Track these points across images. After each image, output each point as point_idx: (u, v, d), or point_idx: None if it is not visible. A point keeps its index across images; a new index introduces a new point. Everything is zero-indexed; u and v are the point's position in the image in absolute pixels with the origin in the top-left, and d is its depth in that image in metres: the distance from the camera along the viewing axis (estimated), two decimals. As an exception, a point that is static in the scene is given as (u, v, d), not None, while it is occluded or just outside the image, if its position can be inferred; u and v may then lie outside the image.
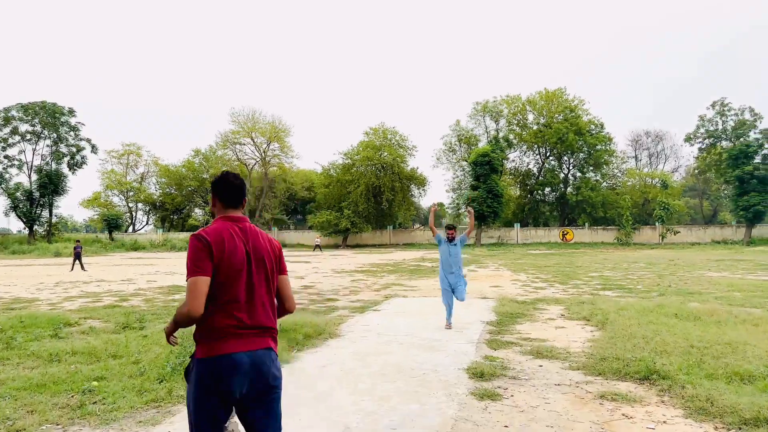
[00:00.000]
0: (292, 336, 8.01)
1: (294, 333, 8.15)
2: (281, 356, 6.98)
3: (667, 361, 6.26)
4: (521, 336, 8.64)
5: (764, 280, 17.78)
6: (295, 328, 8.38)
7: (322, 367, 6.59)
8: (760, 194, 47.42)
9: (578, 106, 56.61)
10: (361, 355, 7.25)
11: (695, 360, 6.27)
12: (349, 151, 56.95)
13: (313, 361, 6.96)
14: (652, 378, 5.85)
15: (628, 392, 5.51)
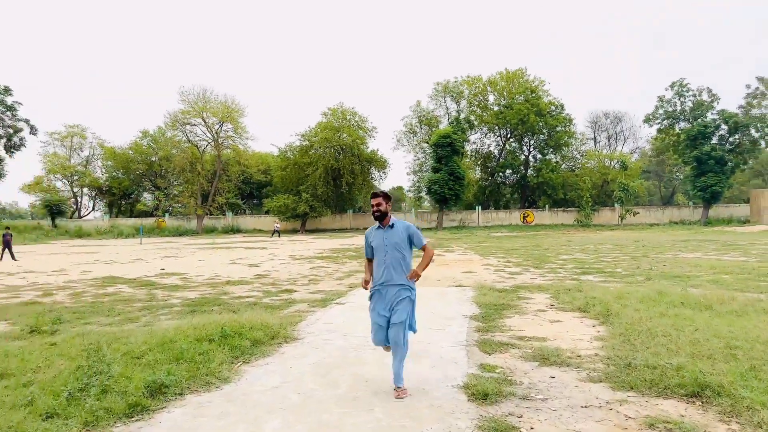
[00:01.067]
0: (236, 343, 6.42)
1: (239, 338, 6.57)
2: (219, 372, 5.42)
3: (713, 369, 4.96)
4: (515, 334, 7.28)
5: (743, 260, 17.04)
6: (241, 332, 6.80)
7: (273, 390, 5.05)
8: (717, 175, 47.71)
9: (538, 87, 55.88)
10: (325, 367, 5.74)
11: (746, 367, 4.99)
12: (306, 132, 54.83)
13: (261, 379, 5.41)
14: (704, 394, 4.54)
15: (681, 418, 4.18)
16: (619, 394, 4.76)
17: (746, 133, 48.15)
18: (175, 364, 5.59)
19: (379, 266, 5.09)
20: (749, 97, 47.89)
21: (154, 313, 9.59)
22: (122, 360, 5.74)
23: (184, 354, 5.82)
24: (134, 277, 15.68)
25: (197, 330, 6.77)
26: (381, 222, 5.16)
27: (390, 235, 5.09)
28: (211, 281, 14.33)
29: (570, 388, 4.98)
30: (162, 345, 6.25)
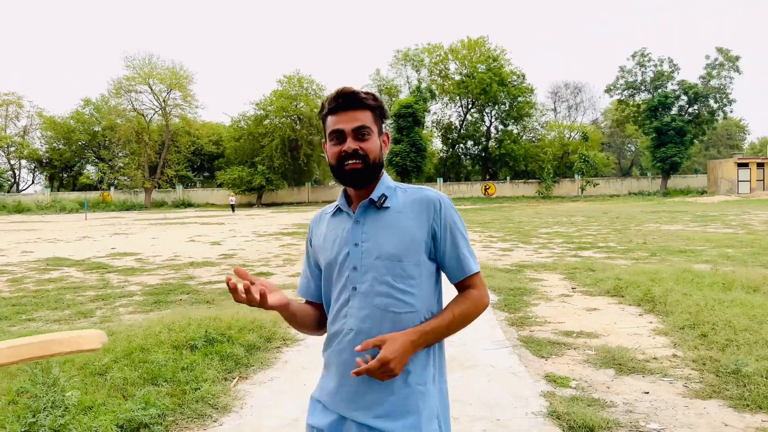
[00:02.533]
0: (227, 351, 5.02)
1: (229, 345, 5.17)
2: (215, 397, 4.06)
3: None
4: (556, 328, 6.14)
5: (730, 232, 16.54)
6: (230, 335, 5.40)
7: (292, 424, 3.72)
8: (676, 146, 48.02)
9: (500, 56, 54.85)
10: (351, 384, 4.43)
11: None
12: (261, 101, 52.24)
13: (271, 406, 4.07)
14: None
15: None
16: (751, 418, 3.65)
17: (705, 104, 48.53)
18: (152, 387, 4.19)
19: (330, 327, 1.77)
20: (708, 68, 48.10)
21: (110, 304, 8.05)
22: (80, 379, 4.30)
23: (162, 371, 4.42)
24: (82, 258, 13.89)
25: (172, 333, 5.34)
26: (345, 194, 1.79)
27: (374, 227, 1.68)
28: (171, 263, 12.73)
29: (680, 410, 3.84)
30: (130, 355, 4.82)
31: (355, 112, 1.65)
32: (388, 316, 1.62)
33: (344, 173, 1.65)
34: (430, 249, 1.68)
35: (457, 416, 3.76)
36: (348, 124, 1.63)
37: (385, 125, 1.78)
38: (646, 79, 50.21)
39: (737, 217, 23.30)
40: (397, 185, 1.76)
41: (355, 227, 1.69)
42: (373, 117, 1.68)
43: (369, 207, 1.69)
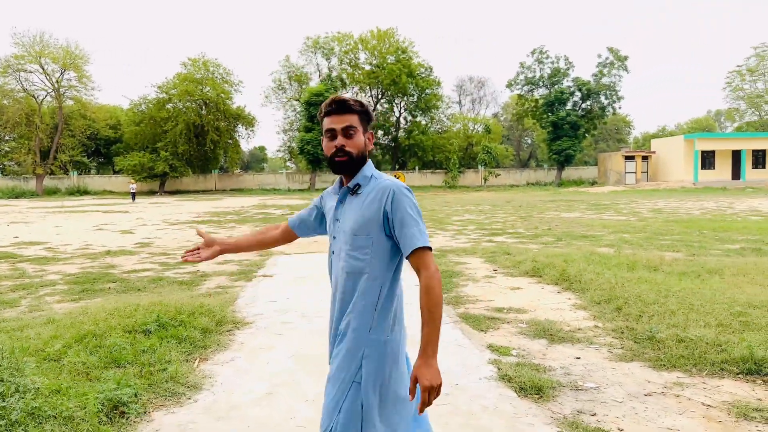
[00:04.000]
0: (182, 334, 5.08)
1: (183, 328, 5.22)
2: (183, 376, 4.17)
3: (747, 339, 4.62)
4: (487, 305, 6.65)
5: (623, 219, 18.07)
6: (181, 319, 5.43)
7: (267, 398, 3.92)
8: (570, 139, 51.15)
9: (409, 48, 55.80)
10: (312, 361, 4.65)
11: (777, 336, 4.72)
12: (164, 84, 50.00)
13: (240, 383, 4.23)
14: (762, 371, 4.16)
15: (760, 402, 3.73)
16: (668, 376, 4.26)
17: (597, 100, 51.97)
18: (117, 369, 4.21)
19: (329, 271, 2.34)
20: (600, 66, 51.48)
21: (33, 294, 7.72)
22: (35, 365, 4.23)
23: (123, 354, 4.43)
24: (-19, 248, 12.97)
25: (121, 318, 5.30)
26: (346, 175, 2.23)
27: (347, 209, 2.20)
28: (85, 252, 12.20)
29: (608, 371, 4.40)
30: (82, 340, 4.76)
31: (344, 115, 2.12)
32: (349, 276, 2.12)
33: (335, 164, 2.15)
34: (384, 226, 2.10)
35: (420, 384, 4.11)
36: (338, 124, 2.11)
37: (371, 126, 2.23)
38: (544, 75, 52.99)
39: (627, 205, 25.38)
40: (374, 174, 2.20)
41: (338, 206, 2.23)
42: (359, 119, 2.15)
43: (346, 193, 2.20)
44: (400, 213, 2.07)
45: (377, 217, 2.09)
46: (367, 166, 2.19)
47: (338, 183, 2.27)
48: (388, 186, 2.11)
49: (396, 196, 2.08)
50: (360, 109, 2.15)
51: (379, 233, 2.10)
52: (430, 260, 2.05)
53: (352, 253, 2.11)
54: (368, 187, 2.15)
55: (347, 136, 2.11)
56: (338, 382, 2.10)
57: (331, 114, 2.13)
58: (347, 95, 2.20)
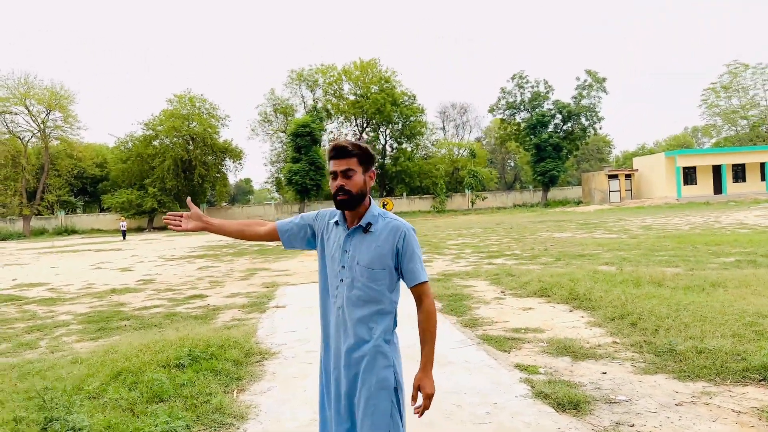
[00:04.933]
0: (216, 366, 5.18)
1: (216, 361, 5.32)
2: (228, 407, 4.27)
3: (765, 347, 4.83)
4: (504, 326, 6.81)
5: (615, 237, 18.38)
6: (213, 353, 5.53)
7: (312, 424, 4.02)
8: (554, 160, 51.95)
9: (391, 77, 56.66)
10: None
11: (792, 344, 4.93)
12: (150, 120, 50.14)
13: (283, 411, 4.33)
14: (781, 377, 4.36)
15: (787, 405, 3.92)
16: (693, 386, 4.44)
17: (578, 122, 52.95)
18: (161, 403, 4.30)
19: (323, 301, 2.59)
20: (579, 89, 52.59)
21: (49, 334, 7.75)
22: (79, 402, 4.31)
23: (162, 388, 4.52)
24: (-17, 291, 12.91)
25: (153, 354, 5.39)
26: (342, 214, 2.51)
27: (359, 244, 2.44)
28: (89, 291, 12.20)
29: (635, 384, 4.57)
30: (118, 377, 4.85)
31: (344, 159, 2.38)
32: (366, 303, 2.40)
33: (337, 202, 2.41)
34: (395, 261, 2.43)
35: (459, 404, 4.25)
36: (339, 167, 2.39)
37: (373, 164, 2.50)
38: (524, 99, 53.97)
39: (616, 223, 25.79)
40: (380, 213, 2.48)
41: (347, 239, 2.47)
42: (358, 161, 2.40)
43: (358, 229, 2.45)
44: (409, 251, 2.42)
45: (390, 254, 2.41)
46: (372, 206, 2.48)
47: (341, 215, 2.51)
48: (399, 226, 2.44)
49: (407, 237, 2.43)
50: (358, 152, 2.40)
51: (392, 266, 2.43)
52: (429, 291, 2.45)
53: (369, 284, 2.40)
54: (379, 225, 2.44)
55: (346, 177, 2.38)
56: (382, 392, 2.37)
57: (334, 158, 2.42)
58: (348, 140, 2.43)
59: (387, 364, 2.39)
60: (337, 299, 2.48)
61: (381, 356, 2.39)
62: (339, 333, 2.46)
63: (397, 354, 2.47)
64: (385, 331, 2.41)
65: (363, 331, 2.39)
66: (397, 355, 2.48)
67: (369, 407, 2.34)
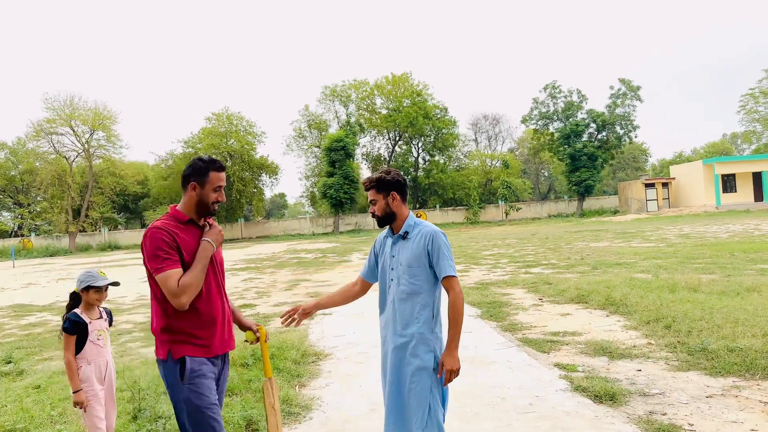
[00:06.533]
0: (280, 365, 5.70)
1: (278, 360, 5.83)
2: (294, 399, 4.74)
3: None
4: (542, 330, 7.16)
5: (653, 246, 18.41)
6: (273, 353, 6.05)
7: (371, 413, 4.47)
8: (589, 170, 51.58)
9: (423, 90, 57.27)
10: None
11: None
12: (189, 138, 51.85)
13: (343, 403, 4.79)
14: (810, 372, 4.63)
15: (813, 397, 4.20)
16: (724, 381, 4.74)
17: (612, 131, 52.54)
18: (234, 397, 4.80)
19: (381, 298, 3.22)
20: (613, 97, 52.23)
21: (115, 341, 8.36)
22: (163, 395, 4.84)
23: (233, 383, 5.03)
24: (46, 303, 13.76)
25: (219, 356, 5.91)
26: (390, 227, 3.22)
27: (401, 249, 3.09)
28: (143, 302, 12.93)
29: (669, 380, 4.89)
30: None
31: (369, 191, 3.17)
32: (410, 296, 3.01)
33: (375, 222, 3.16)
34: (428, 260, 3.01)
35: (503, 397, 4.65)
36: (369, 198, 3.18)
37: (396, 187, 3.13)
38: (557, 109, 53.81)
39: (653, 232, 25.66)
40: (416, 223, 3.15)
41: (393, 246, 3.15)
42: (376, 191, 3.13)
43: (399, 237, 3.12)
44: (437, 250, 2.99)
45: (423, 254, 3.00)
46: (410, 218, 3.15)
47: (389, 230, 3.23)
48: (429, 232, 3.05)
49: (434, 239, 3.02)
50: (374, 184, 3.13)
51: (426, 264, 3.01)
52: (456, 284, 2.99)
53: (411, 280, 3.02)
54: (414, 233, 3.08)
55: (373, 204, 3.15)
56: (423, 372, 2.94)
57: (366, 191, 3.21)
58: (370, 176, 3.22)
59: (428, 350, 2.97)
60: (389, 295, 3.12)
61: (423, 343, 2.98)
62: (389, 324, 3.10)
63: (439, 343, 3.03)
64: (427, 321, 2.98)
65: (409, 321, 2.99)
66: (439, 344, 3.03)
67: (413, 384, 2.92)
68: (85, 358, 3.59)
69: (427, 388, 2.92)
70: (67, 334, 3.54)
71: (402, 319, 3.01)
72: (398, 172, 3.21)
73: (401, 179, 3.16)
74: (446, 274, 2.96)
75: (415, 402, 2.91)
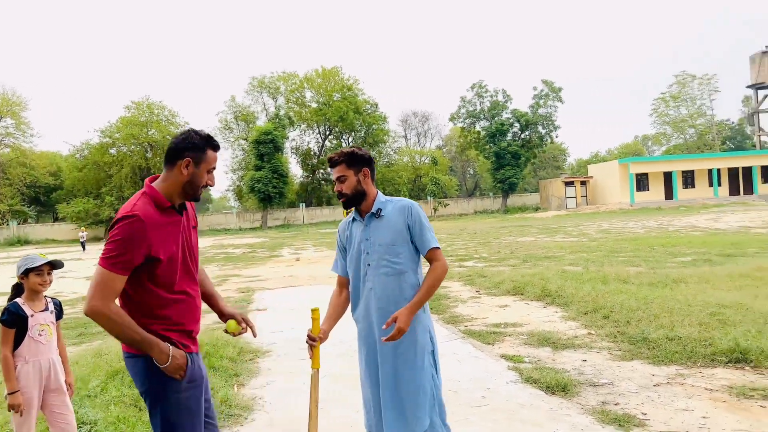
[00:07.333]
0: (216, 363, 5.31)
1: (214, 358, 5.45)
2: (233, 399, 4.42)
3: (730, 333, 5.24)
4: (483, 321, 7.13)
5: (575, 240, 19.02)
6: (208, 351, 5.65)
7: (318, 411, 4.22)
8: (513, 168, 53.09)
9: (353, 85, 57.04)
10: (344, 378, 4.97)
11: (754, 330, 5.34)
12: (107, 128, 49.23)
13: (287, 402, 4.51)
14: (747, 359, 4.76)
15: (753, 383, 4.31)
16: (667, 369, 4.80)
17: (535, 130, 54.26)
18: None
19: (354, 291, 2.90)
20: (536, 98, 53.92)
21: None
22: (77, 402, 4.38)
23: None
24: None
25: (147, 355, 5.47)
26: (356, 210, 2.91)
27: (376, 229, 2.79)
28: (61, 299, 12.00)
29: (615, 369, 4.91)
30: (115, 376, 4.94)
31: (335, 167, 2.83)
32: (392, 278, 2.75)
33: (342, 203, 2.85)
34: (409, 234, 2.78)
35: (456, 390, 4.50)
36: (335, 175, 2.84)
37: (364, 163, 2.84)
38: (484, 108, 55.01)
39: (575, 228, 26.61)
40: (387, 199, 2.89)
41: (365, 229, 2.84)
42: (346, 165, 2.80)
43: (371, 216, 2.83)
44: (418, 223, 2.78)
45: (404, 229, 2.77)
46: (379, 195, 2.88)
47: (356, 212, 2.92)
48: (405, 205, 2.83)
49: (413, 211, 2.80)
50: (343, 158, 2.81)
51: (408, 239, 2.79)
52: (441, 255, 2.82)
53: (393, 259, 2.76)
54: (388, 210, 2.82)
55: (341, 182, 2.81)
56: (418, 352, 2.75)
57: (330, 168, 2.88)
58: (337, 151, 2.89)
59: (423, 329, 2.79)
60: (367, 282, 2.82)
61: (418, 324, 2.76)
62: (371, 312, 2.78)
63: (430, 320, 2.90)
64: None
65: (399, 302, 2.72)
66: (430, 321, 2.92)
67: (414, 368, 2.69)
68: (22, 356, 3.12)
69: (429, 373, 2.76)
70: (4, 327, 3.07)
71: (390, 302, 2.72)
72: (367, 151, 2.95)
73: (372, 157, 2.93)
74: (431, 246, 2.78)
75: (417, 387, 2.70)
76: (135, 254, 2.16)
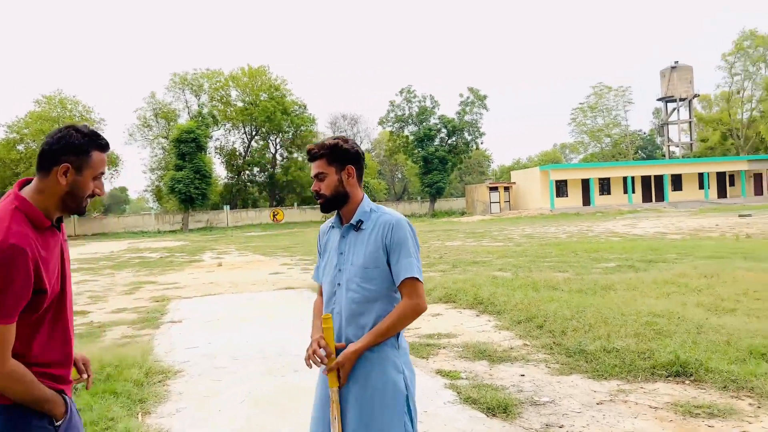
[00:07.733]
0: (118, 388, 4.67)
1: (116, 382, 4.80)
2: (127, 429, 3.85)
3: (668, 345, 5.12)
4: (415, 332, 6.79)
5: (501, 245, 19.18)
6: (109, 373, 4.99)
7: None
8: (440, 173, 53.68)
9: (281, 85, 55.93)
10: (268, 403, 4.46)
11: (690, 341, 5.26)
12: (14, 123, 45.89)
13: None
14: (687, 372, 4.63)
15: (695, 399, 4.16)
16: (608, 384, 4.61)
17: (461, 136, 55.10)
18: None
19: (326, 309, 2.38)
20: (462, 105, 54.77)
21: None
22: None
23: (54, 418, 3.97)
24: None
25: (36, 379, 4.75)
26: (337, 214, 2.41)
27: (353, 244, 2.33)
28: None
29: (555, 385, 4.67)
30: None
31: (314, 162, 2.30)
32: (362, 305, 2.23)
33: (320, 206, 2.35)
34: (386, 257, 2.25)
35: (389, 415, 4.09)
36: (313, 171, 2.32)
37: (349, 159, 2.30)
38: (412, 113, 55.33)
39: (500, 232, 26.99)
40: (372, 208, 2.34)
41: (341, 240, 2.34)
42: (327, 161, 2.27)
43: (350, 228, 2.32)
44: (397, 245, 2.23)
45: (379, 249, 2.24)
46: (365, 202, 2.34)
47: (337, 217, 2.40)
48: (388, 220, 2.28)
49: (395, 229, 2.25)
50: (324, 151, 2.28)
51: (384, 263, 2.24)
52: (417, 291, 2.26)
53: (363, 284, 2.23)
54: (370, 222, 2.29)
55: (320, 180, 2.29)
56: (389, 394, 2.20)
57: (309, 161, 2.35)
58: (318, 142, 2.35)
59: (397, 370, 2.23)
60: (335, 305, 2.30)
61: (388, 363, 2.22)
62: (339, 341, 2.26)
63: (406, 360, 2.32)
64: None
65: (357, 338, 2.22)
66: (407, 361, 2.33)
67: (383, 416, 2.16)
68: None
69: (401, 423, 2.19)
70: None
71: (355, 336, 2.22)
72: (356, 143, 2.38)
73: (360, 151, 2.37)
74: (407, 276, 2.22)
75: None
76: (21, 294, 1.63)
